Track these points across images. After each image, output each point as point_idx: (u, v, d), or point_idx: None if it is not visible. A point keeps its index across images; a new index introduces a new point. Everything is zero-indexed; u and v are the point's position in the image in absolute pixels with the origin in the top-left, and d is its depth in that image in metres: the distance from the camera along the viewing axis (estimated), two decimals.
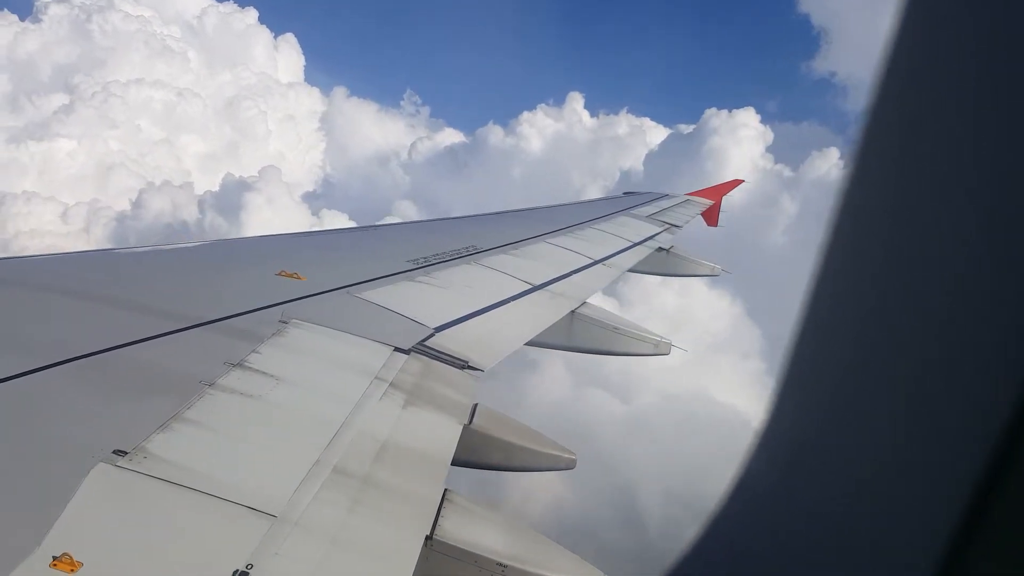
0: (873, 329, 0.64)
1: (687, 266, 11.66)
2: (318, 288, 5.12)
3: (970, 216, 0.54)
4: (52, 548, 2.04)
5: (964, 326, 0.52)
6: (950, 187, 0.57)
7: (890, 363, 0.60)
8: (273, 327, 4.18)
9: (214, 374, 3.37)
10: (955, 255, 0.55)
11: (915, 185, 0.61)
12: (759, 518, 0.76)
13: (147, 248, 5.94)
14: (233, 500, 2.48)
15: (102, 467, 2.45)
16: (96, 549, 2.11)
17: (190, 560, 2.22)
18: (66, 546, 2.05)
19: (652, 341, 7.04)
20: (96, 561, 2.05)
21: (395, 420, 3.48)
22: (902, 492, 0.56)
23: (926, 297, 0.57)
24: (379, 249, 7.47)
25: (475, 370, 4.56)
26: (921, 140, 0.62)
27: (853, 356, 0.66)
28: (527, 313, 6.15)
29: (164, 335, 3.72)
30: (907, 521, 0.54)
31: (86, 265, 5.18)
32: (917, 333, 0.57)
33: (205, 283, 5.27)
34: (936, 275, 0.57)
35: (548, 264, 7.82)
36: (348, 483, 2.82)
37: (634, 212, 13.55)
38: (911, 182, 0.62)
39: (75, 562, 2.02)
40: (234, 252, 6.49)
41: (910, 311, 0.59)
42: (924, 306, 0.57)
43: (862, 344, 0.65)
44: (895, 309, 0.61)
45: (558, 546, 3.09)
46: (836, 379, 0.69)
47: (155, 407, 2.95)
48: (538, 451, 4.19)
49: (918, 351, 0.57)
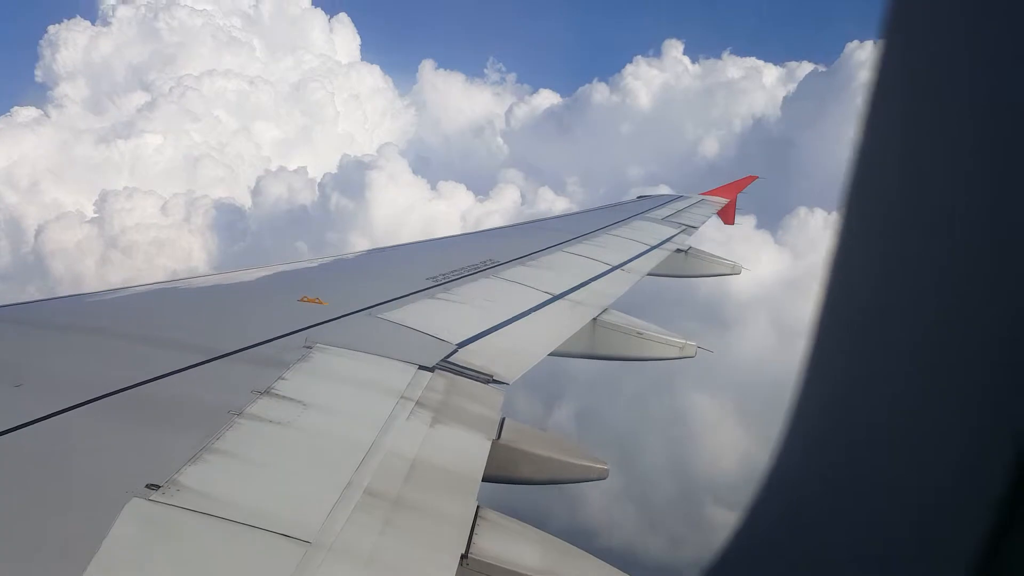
0: (898, 322, 0.62)
1: (706, 266, 11.60)
2: (340, 311, 5.14)
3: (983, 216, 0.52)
4: None
5: (996, 319, 0.50)
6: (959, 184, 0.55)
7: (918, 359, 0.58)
8: (298, 353, 4.19)
9: (242, 403, 3.38)
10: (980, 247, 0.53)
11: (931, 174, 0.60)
12: (789, 520, 0.74)
13: (168, 282, 6.00)
14: (267, 528, 2.48)
15: (136, 502, 2.46)
16: None
17: None
18: None
19: (677, 344, 6.98)
20: None
21: (423, 439, 3.47)
22: (936, 490, 0.54)
23: (957, 288, 0.56)
24: (398, 269, 7.49)
25: (500, 384, 4.54)
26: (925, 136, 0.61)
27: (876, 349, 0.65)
28: (549, 323, 6.12)
29: (190, 367, 3.75)
30: (942, 520, 0.52)
31: (107, 303, 5.25)
32: (949, 325, 0.55)
33: (228, 313, 5.31)
34: (963, 266, 0.55)
35: (567, 273, 7.79)
36: (380, 505, 2.81)
37: (649, 215, 13.48)
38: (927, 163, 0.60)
39: None
40: (255, 281, 6.54)
41: (938, 300, 0.57)
42: (955, 297, 0.55)
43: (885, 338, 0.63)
44: (921, 299, 0.59)
45: (595, 559, 3.06)
46: (860, 374, 0.67)
47: (185, 439, 2.96)
48: (569, 462, 4.16)
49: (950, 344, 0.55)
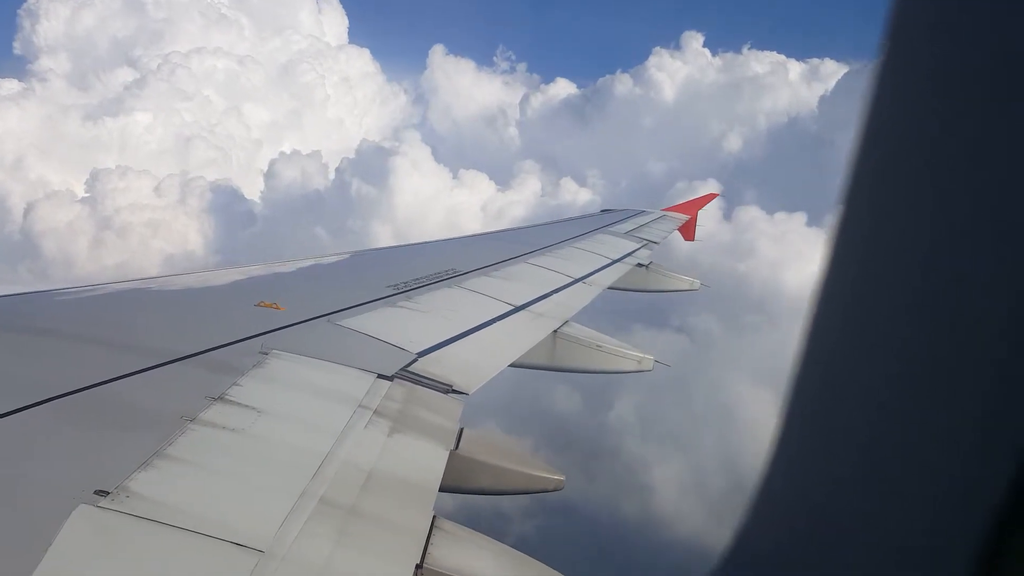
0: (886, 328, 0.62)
1: (666, 281, 11.79)
2: (298, 317, 5.08)
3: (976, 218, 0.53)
4: None
5: (985, 324, 0.51)
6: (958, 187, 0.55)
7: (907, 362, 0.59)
8: (253, 359, 4.13)
9: (195, 409, 3.32)
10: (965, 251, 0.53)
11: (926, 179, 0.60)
12: (782, 526, 0.74)
13: (121, 283, 5.86)
14: (219, 537, 2.44)
15: (83, 508, 2.39)
16: None
17: None
18: None
19: (635, 358, 7.06)
20: None
21: (380, 448, 3.45)
22: (928, 494, 0.54)
23: (945, 294, 0.56)
24: (358, 276, 7.43)
25: (460, 394, 4.53)
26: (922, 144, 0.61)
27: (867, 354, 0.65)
28: (510, 334, 6.14)
29: (142, 371, 3.67)
30: (937, 524, 0.53)
31: (59, 303, 5.11)
32: (936, 330, 0.56)
33: (182, 317, 5.21)
34: (948, 270, 0.56)
35: (529, 284, 7.82)
36: (335, 514, 2.79)
37: (612, 229, 13.62)
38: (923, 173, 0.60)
39: None
40: (210, 285, 6.43)
41: (926, 308, 0.58)
42: (942, 303, 0.56)
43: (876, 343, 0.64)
44: (909, 306, 0.60)
45: (551, 569, 3.07)
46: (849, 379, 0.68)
47: (136, 445, 2.90)
48: (526, 473, 4.17)
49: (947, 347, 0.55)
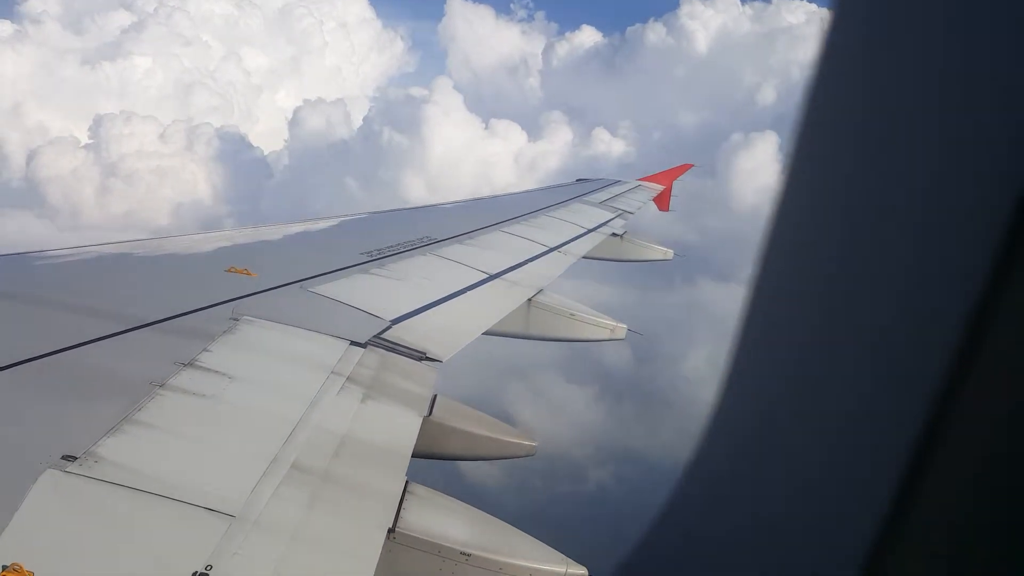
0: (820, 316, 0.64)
1: (640, 251, 11.87)
2: (269, 284, 5.04)
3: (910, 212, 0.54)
4: (1, 559, 1.98)
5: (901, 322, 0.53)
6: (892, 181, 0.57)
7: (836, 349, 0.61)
8: (224, 325, 4.10)
9: (164, 374, 3.30)
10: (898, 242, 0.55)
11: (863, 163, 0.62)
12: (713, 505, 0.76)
13: (91, 248, 5.76)
14: (189, 501, 2.44)
15: (51, 473, 2.38)
16: (48, 558, 2.05)
17: (147, 564, 2.18)
18: (16, 556, 2.00)
19: (608, 327, 7.12)
20: (48, 570, 2.00)
21: (353, 414, 3.46)
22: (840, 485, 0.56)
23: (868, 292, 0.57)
24: (332, 242, 7.37)
25: (433, 361, 4.55)
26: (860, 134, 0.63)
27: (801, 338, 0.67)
28: (484, 302, 6.15)
29: (111, 336, 3.62)
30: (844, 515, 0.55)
31: (27, 267, 5.01)
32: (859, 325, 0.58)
33: (152, 282, 5.14)
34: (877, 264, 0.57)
35: (504, 253, 7.82)
36: (307, 480, 2.80)
37: (587, 199, 13.63)
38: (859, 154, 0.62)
39: (26, 572, 1.96)
40: (180, 250, 6.34)
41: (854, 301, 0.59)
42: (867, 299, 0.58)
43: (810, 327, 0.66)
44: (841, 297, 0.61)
45: (520, 532, 3.12)
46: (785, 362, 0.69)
47: (104, 410, 2.87)
48: (499, 440, 4.21)
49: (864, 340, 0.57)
